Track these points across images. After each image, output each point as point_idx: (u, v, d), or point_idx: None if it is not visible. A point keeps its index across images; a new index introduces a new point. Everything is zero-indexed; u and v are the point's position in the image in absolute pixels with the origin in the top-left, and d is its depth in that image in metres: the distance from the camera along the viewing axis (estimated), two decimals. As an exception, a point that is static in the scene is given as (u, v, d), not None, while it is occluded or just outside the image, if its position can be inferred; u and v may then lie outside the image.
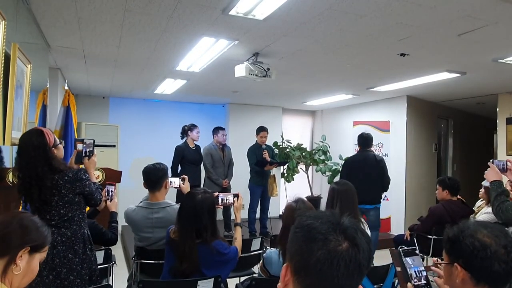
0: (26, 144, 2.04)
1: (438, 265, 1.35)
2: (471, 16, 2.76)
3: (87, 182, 2.16)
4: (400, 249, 1.48)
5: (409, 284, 1.38)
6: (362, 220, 2.63)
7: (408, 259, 1.44)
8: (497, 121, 5.84)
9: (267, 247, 3.17)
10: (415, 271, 1.42)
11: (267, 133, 5.75)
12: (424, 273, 1.39)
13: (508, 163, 2.41)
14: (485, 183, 2.43)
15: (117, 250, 3.52)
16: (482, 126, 8.48)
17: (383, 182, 4.61)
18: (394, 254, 1.52)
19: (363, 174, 4.44)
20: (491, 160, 2.41)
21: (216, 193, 2.66)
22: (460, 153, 7.93)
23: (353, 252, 0.82)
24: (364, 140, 4.67)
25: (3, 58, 1.96)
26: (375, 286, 2.43)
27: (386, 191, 4.89)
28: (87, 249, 2.17)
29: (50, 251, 2.02)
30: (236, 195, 2.72)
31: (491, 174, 2.33)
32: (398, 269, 1.46)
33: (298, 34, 3.27)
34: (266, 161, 5.58)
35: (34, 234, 1.32)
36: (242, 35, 3.31)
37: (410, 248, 1.51)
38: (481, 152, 8.22)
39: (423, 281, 1.38)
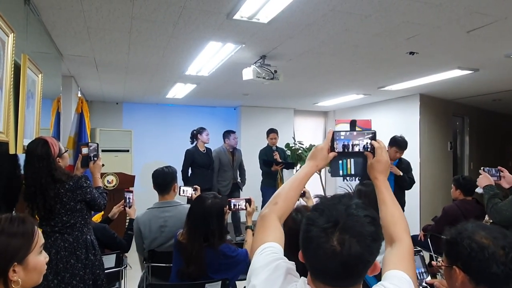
0: (31, 154, 2.10)
1: (439, 268, 1.33)
2: (479, 13, 2.71)
3: (88, 189, 2.19)
4: None
5: None
6: None
7: None
8: (514, 117, 5.71)
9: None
10: (417, 273, 1.41)
11: (277, 134, 5.74)
12: (425, 275, 1.38)
13: (500, 171, 2.62)
14: (478, 190, 2.62)
15: (133, 254, 3.57)
16: (500, 123, 8.28)
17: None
18: None
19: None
20: (482, 168, 2.65)
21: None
22: (477, 151, 7.74)
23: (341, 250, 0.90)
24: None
25: (12, 69, 2.02)
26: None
27: (406, 188, 4.82)
28: (90, 254, 2.20)
29: (54, 257, 2.07)
30: (248, 200, 2.70)
31: (483, 181, 2.57)
32: None
33: (304, 36, 3.26)
34: (273, 161, 5.54)
35: (14, 242, 1.10)
36: (248, 38, 3.33)
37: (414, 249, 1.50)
38: (499, 149, 8.01)
39: (424, 284, 1.36)
